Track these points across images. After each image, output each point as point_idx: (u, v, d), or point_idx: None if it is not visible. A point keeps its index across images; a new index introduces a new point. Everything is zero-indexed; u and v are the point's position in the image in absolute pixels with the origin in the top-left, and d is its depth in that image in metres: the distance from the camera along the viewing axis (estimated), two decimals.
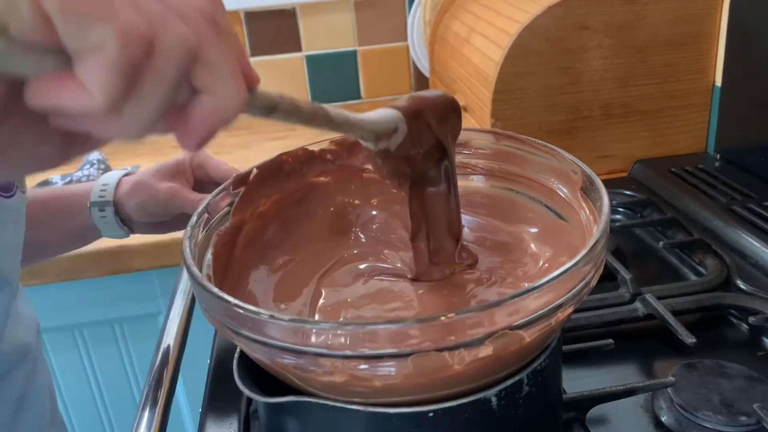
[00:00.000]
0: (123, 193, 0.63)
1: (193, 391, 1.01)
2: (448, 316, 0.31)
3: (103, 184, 0.63)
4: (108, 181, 0.64)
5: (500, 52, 0.84)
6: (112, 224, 0.64)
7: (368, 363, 0.31)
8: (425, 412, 0.34)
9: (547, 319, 0.33)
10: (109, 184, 0.63)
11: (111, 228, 0.64)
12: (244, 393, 0.36)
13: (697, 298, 0.60)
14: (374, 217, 0.53)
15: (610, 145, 0.92)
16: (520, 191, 0.50)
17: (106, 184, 0.63)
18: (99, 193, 0.63)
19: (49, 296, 0.93)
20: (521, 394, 0.36)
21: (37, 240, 0.60)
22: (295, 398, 0.35)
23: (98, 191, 0.63)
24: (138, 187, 0.62)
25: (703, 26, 0.87)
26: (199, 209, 0.43)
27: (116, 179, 0.64)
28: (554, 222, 0.47)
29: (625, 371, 0.54)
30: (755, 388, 0.48)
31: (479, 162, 0.51)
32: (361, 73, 1.38)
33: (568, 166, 0.45)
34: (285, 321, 0.32)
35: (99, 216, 0.63)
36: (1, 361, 0.51)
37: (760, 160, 0.83)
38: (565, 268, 0.33)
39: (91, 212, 0.63)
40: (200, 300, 0.37)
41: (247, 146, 1.20)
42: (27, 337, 0.55)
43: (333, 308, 0.44)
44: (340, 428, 0.36)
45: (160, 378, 0.50)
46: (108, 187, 0.63)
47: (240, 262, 0.46)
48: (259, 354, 0.34)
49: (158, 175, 0.62)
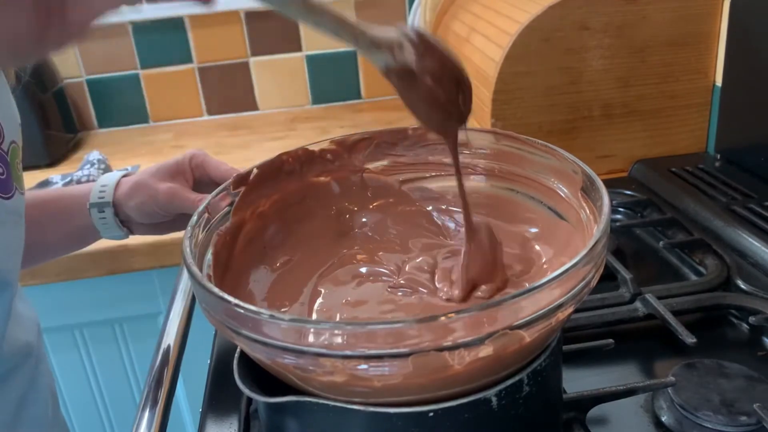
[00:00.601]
0: (122, 194, 0.63)
1: (193, 391, 1.01)
2: (448, 316, 0.31)
3: (102, 185, 0.63)
4: (107, 182, 0.64)
5: (500, 52, 0.84)
6: (111, 225, 0.64)
7: (368, 363, 0.31)
8: (425, 412, 0.34)
9: (548, 319, 0.33)
10: (108, 185, 0.63)
11: (110, 229, 0.64)
12: (245, 393, 0.36)
13: (697, 298, 0.60)
14: (374, 218, 0.53)
15: (610, 145, 0.92)
16: (520, 191, 0.50)
17: (105, 185, 0.63)
18: (98, 194, 0.63)
19: (49, 296, 0.93)
20: (521, 394, 0.36)
21: (37, 241, 0.60)
22: (296, 398, 0.35)
23: (97, 192, 0.63)
24: (137, 187, 0.62)
25: (703, 26, 0.87)
26: (200, 209, 0.43)
27: (115, 180, 0.64)
28: (555, 222, 0.47)
29: (625, 371, 0.54)
30: (755, 388, 0.48)
31: (479, 162, 0.51)
32: (361, 73, 1.38)
33: (568, 166, 0.45)
34: (285, 321, 0.32)
35: (98, 217, 0.63)
36: (3, 361, 0.51)
37: (760, 160, 0.83)
38: (565, 267, 0.33)
39: (90, 213, 0.63)
40: (200, 300, 0.37)
41: (247, 146, 1.20)
42: (28, 337, 0.55)
43: (330, 308, 0.44)
44: (341, 428, 0.36)
45: (160, 378, 0.50)
46: (107, 188, 0.63)
47: (240, 262, 0.46)
48: (260, 354, 0.34)
49: (158, 175, 0.62)
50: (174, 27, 1.30)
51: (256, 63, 1.35)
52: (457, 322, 0.31)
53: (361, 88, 1.39)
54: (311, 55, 1.36)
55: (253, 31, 1.33)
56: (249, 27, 1.32)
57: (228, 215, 0.45)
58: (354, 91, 1.39)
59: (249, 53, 1.34)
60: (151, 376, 0.50)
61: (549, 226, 0.48)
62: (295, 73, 1.36)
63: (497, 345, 0.32)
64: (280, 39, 1.34)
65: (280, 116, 1.35)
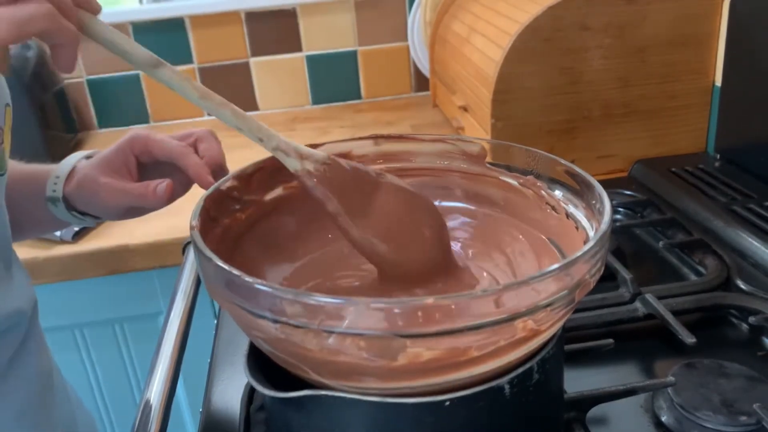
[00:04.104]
0: (71, 189, 0.59)
1: (193, 391, 1.01)
2: (474, 293, 0.32)
3: (56, 176, 0.59)
4: (60, 172, 0.59)
5: (500, 52, 0.84)
6: (67, 216, 0.60)
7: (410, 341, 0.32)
8: (441, 402, 0.35)
9: (570, 295, 0.34)
10: (60, 176, 0.59)
11: (72, 220, 0.61)
12: (258, 390, 0.36)
13: (697, 298, 0.60)
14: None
15: (610, 145, 0.92)
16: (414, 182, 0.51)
17: (58, 176, 0.59)
18: (52, 186, 0.59)
19: (49, 296, 0.93)
20: (531, 382, 0.37)
21: (14, 219, 0.56)
22: (312, 392, 0.35)
23: (51, 185, 0.59)
24: (82, 183, 0.58)
25: (703, 26, 0.87)
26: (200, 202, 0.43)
27: (67, 171, 0.59)
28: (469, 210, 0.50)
29: (625, 371, 0.54)
30: (755, 388, 0.48)
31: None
32: (361, 73, 1.38)
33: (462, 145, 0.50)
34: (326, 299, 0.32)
35: (54, 209, 0.60)
36: None
37: (760, 160, 0.83)
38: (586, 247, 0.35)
39: (47, 206, 0.60)
40: (213, 280, 0.36)
41: (247, 146, 1.20)
42: (20, 304, 0.53)
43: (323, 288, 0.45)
44: (356, 420, 0.36)
45: (160, 378, 0.50)
46: (59, 181, 0.59)
47: (243, 255, 0.46)
48: (280, 333, 0.34)
49: (100, 168, 0.57)
50: (174, 27, 1.30)
51: (256, 63, 1.35)
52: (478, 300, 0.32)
53: (361, 88, 1.39)
54: (311, 55, 1.36)
55: (253, 31, 1.33)
56: (249, 27, 1.32)
57: (230, 207, 0.46)
58: (354, 91, 1.39)
59: (249, 53, 1.34)
60: (151, 376, 0.50)
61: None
62: (295, 73, 1.36)
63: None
64: (280, 39, 1.34)
65: (280, 116, 1.35)
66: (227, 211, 0.46)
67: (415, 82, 1.40)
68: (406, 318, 0.31)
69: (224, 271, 0.35)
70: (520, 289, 0.32)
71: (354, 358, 0.32)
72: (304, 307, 0.32)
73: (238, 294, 0.34)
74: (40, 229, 0.68)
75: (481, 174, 0.50)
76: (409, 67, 1.38)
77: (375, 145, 0.52)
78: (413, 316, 0.31)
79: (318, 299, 0.32)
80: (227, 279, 0.35)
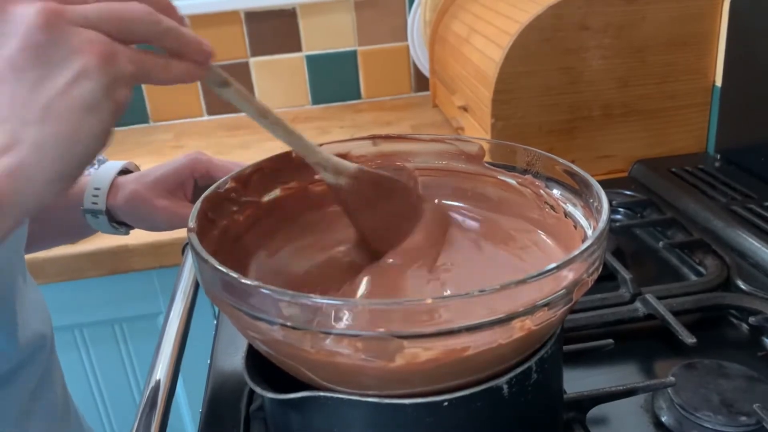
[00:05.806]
0: (118, 204, 0.59)
1: (193, 391, 1.01)
2: (473, 293, 0.31)
3: (95, 188, 0.59)
4: (100, 184, 0.59)
5: (500, 52, 0.84)
6: (108, 228, 0.61)
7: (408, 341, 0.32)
8: (440, 402, 0.35)
9: (569, 295, 0.34)
10: (101, 188, 0.59)
11: (108, 230, 0.61)
12: (256, 391, 0.36)
13: (697, 298, 0.60)
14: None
15: (610, 145, 0.92)
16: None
17: (98, 188, 0.59)
18: (91, 199, 0.59)
19: (49, 296, 0.92)
20: (530, 382, 0.37)
21: (33, 233, 0.57)
22: (310, 393, 0.35)
23: (90, 197, 0.59)
24: (133, 200, 0.58)
25: (703, 26, 0.87)
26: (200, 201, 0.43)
27: (108, 183, 0.59)
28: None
29: (625, 371, 0.54)
30: (755, 388, 0.48)
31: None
32: (361, 73, 1.38)
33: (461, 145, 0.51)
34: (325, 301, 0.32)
35: (94, 222, 0.60)
36: (20, 351, 0.50)
37: (760, 160, 0.83)
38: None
39: (84, 217, 0.60)
40: (210, 282, 0.36)
41: (247, 146, 1.20)
42: (42, 328, 0.54)
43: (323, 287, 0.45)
44: (355, 421, 0.36)
45: (160, 378, 0.50)
46: (100, 193, 0.59)
47: (240, 256, 0.46)
48: (277, 335, 0.33)
49: (156, 189, 0.58)
50: None
51: (256, 63, 1.35)
52: (477, 300, 0.32)
53: (361, 88, 1.39)
54: (311, 55, 1.36)
55: (253, 31, 1.33)
56: (249, 27, 1.32)
57: (231, 207, 0.46)
58: (354, 91, 1.39)
59: (249, 53, 1.34)
60: (151, 376, 0.50)
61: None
62: (294, 73, 1.36)
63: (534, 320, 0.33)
64: (280, 39, 1.34)
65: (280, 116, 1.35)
66: (225, 213, 0.46)
67: (415, 82, 1.40)
68: (403, 318, 0.31)
69: (221, 273, 0.35)
70: (518, 289, 0.32)
71: (351, 359, 0.32)
72: (302, 309, 0.32)
73: (235, 296, 0.34)
74: (65, 238, 0.68)
75: (479, 173, 0.51)
76: (409, 67, 1.38)
77: (373, 146, 0.52)
78: (410, 317, 0.31)
79: (315, 300, 0.32)
80: (224, 281, 0.35)
